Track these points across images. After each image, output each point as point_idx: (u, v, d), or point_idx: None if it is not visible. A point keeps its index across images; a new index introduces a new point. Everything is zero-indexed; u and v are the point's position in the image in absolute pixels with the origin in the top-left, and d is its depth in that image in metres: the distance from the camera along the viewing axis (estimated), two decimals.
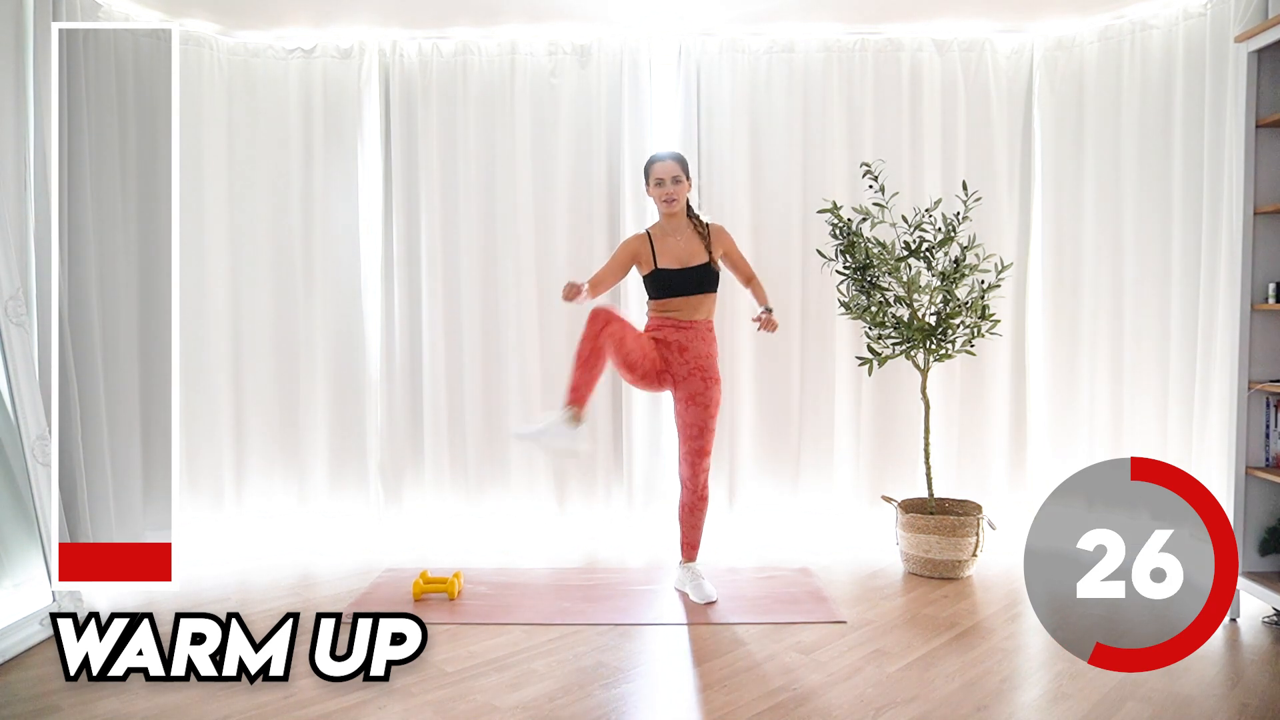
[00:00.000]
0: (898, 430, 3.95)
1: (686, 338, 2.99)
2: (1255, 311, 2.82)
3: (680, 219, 3.06)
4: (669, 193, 3.00)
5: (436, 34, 3.92)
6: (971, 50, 3.89)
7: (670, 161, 3.01)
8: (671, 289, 3.00)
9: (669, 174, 2.99)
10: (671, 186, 3.00)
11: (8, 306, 2.75)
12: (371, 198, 3.99)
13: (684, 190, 3.02)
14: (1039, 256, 3.94)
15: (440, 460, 4.01)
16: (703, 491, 3.10)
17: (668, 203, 3.01)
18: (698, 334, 3.01)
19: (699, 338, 3.01)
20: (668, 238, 3.04)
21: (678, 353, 2.99)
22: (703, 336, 3.02)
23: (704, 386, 3.00)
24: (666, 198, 3.00)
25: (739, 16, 3.78)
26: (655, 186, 3.02)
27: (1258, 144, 2.80)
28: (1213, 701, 2.28)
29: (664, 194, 3.00)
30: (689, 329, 3.00)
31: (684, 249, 3.03)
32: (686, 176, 3.03)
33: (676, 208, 3.02)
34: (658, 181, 3.01)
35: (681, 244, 3.03)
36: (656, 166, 3.02)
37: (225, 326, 3.92)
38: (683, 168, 3.02)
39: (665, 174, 2.99)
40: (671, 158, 3.02)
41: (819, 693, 2.32)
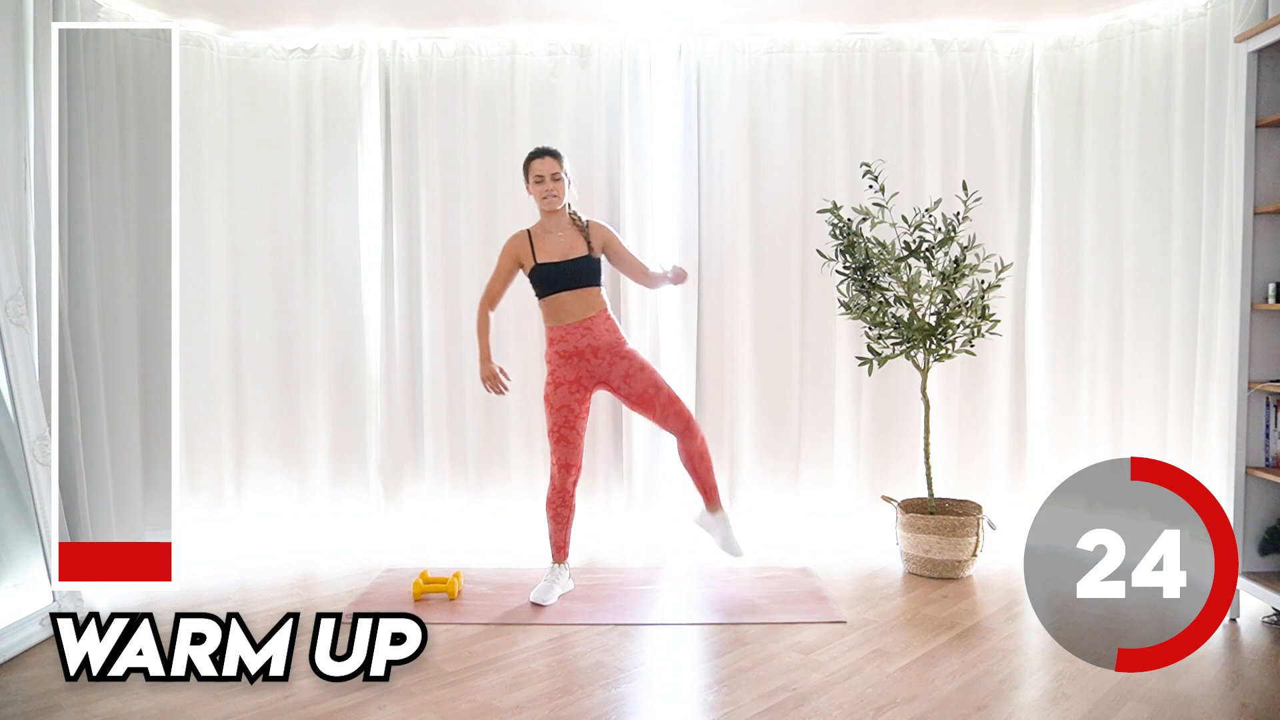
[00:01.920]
0: (898, 430, 3.95)
1: (593, 336, 3.03)
2: (1255, 311, 2.82)
3: (561, 216, 3.09)
4: (548, 189, 3.03)
5: (436, 34, 3.92)
6: (971, 50, 3.89)
7: (549, 159, 3.04)
8: (554, 283, 3.03)
9: (548, 171, 3.02)
10: (551, 183, 3.03)
11: (8, 306, 2.75)
12: (371, 197, 3.99)
13: (563, 187, 3.05)
14: (1039, 256, 3.94)
15: (440, 460, 4.01)
16: (695, 428, 3.09)
17: (546, 199, 3.03)
18: (600, 327, 3.04)
19: (603, 329, 3.05)
20: (548, 235, 3.08)
21: (591, 356, 3.03)
22: (605, 327, 3.06)
23: (629, 362, 3.05)
24: (546, 194, 3.03)
25: (739, 16, 3.78)
26: (535, 184, 3.05)
27: (1258, 144, 2.80)
28: (1213, 701, 2.28)
29: (543, 190, 3.03)
30: (590, 328, 3.03)
31: (564, 243, 3.06)
32: (566, 174, 3.07)
33: (556, 204, 3.05)
34: (537, 179, 3.04)
35: (561, 239, 3.06)
36: (535, 164, 3.04)
37: (225, 326, 3.92)
38: (562, 164, 3.06)
39: (544, 171, 3.02)
40: (549, 154, 3.04)
41: (819, 693, 2.33)
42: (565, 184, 3.06)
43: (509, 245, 3.13)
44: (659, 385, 3.06)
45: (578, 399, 3.05)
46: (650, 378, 3.06)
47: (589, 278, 3.04)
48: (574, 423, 3.04)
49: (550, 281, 3.03)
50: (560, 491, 3.08)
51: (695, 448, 3.09)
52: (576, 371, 3.04)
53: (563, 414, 3.04)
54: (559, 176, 3.03)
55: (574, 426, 3.05)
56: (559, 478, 3.07)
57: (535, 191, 3.06)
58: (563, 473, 3.06)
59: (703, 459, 3.11)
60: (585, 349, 3.03)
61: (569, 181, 3.09)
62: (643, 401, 3.06)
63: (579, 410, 3.06)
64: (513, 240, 3.13)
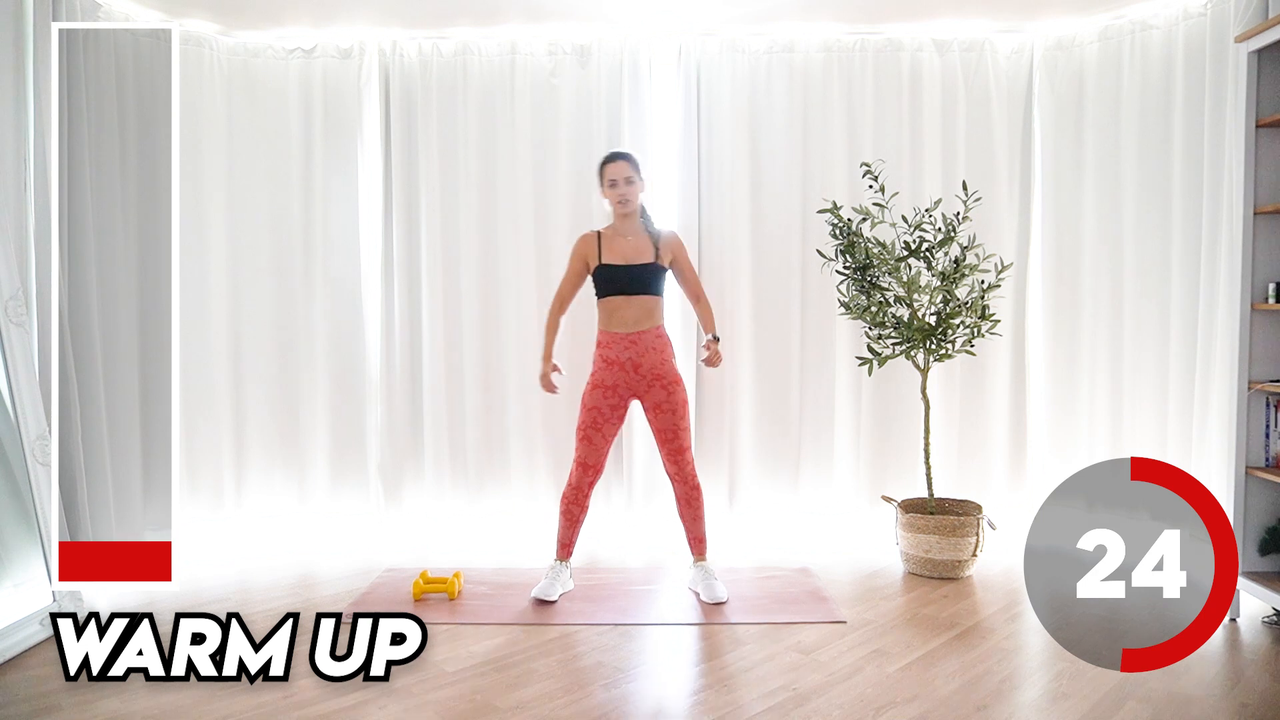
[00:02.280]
0: (898, 430, 3.95)
1: (637, 353, 3.01)
2: (1255, 311, 2.82)
3: (633, 220, 3.09)
4: (622, 193, 3.03)
5: (436, 34, 3.92)
6: (971, 50, 3.89)
7: (623, 162, 3.04)
8: (615, 285, 3.03)
9: (622, 175, 3.03)
10: (625, 187, 3.03)
11: (8, 306, 2.75)
12: (371, 198, 3.99)
13: (636, 191, 3.05)
14: (1039, 256, 3.94)
15: (440, 460, 4.01)
16: (693, 480, 3.11)
17: (621, 203, 3.04)
18: (646, 344, 3.02)
19: (649, 348, 3.02)
20: (617, 237, 3.08)
21: (632, 370, 3.02)
22: (652, 345, 3.03)
23: (666, 394, 3.02)
24: (620, 198, 3.04)
25: (739, 16, 3.78)
26: (609, 187, 3.05)
27: (1258, 144, 2.80)
28: (1213, 701, 2.28)
29: (617, 195, 3.04)
30: (636, 342, 3.02)
31: (631, 247, 3.05)
32: (640, 177, 3.06)
33: (629, 208, 3.05)
34: (611, 182, 3.04)
35: (630, 243, 3.06)
36: (610, 167, 3.05)
37: (225, 326, 3.92)
38: (635, 169, 3.05)
39: (619, 175, 3.03)
40: (624, 158, 3.06)
41: (819, 693, 2.33)
42: (639, 188, 3.05)
43: (578, 245, 3.13)
44: (678, 431, 3.05)
45: (610, 404, 3.04)
46: (674, 421, 3.03)
47: (649, 285, 3.03)
48: (601, 426, 3.04)
49: (609, 282, 3.03)
50: (576, 489, 3.08)
51: (686, 494, 3.11)
52: (615, 379, 3.03)
53: (592, 415, 3.04)
54: (632, 180, 3.03)
55: (600, 429, 3.04)
56: (577, 475, 3.08)
57: (609, 195, 3.06)
58: (580, 471, 3.07)
59: (690, 506, 3.13)
60: (627, 362, 3.02)
61: (643, 186, 3.09)
62: (658, 437, 3.09)
63: (609, 415, 3.05)
64: (582, 240, 3.14)
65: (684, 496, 3.12)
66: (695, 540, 3.15)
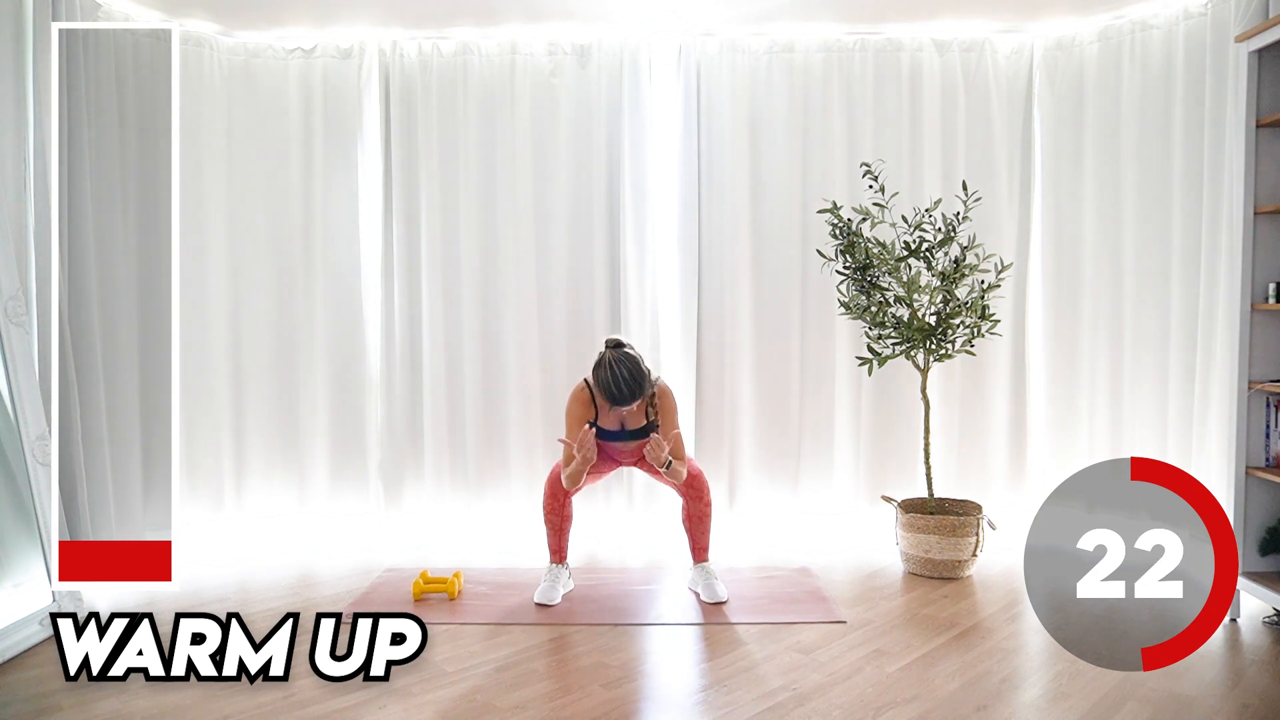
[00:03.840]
0: (898, 430, 3.95)
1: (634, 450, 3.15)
2: (1255, 311, 2.82)
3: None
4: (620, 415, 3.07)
5: (436, 34, 3.92)
6: (971, 50, 3.89)
7: (634, 405, 2.96)
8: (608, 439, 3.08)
9: (627, 411, 3.05)
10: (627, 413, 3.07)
11: (8, 306, 2.75)
12: (371, 198, 3.99)
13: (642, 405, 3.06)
14: (1039, 256, 3.94)
15: (440, 460, 4.01)
16: (699, 484, 3.09)
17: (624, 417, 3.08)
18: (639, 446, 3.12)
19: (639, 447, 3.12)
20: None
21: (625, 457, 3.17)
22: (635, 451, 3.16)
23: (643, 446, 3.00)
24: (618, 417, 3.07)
25: (739, 16, 3.78)
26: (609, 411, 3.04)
27: (1258, 144, 2.80)
28: (1213, 701, 2.28)
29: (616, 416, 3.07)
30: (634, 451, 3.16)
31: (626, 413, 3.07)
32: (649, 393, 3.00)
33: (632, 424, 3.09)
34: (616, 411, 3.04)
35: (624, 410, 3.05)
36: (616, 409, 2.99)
37: (225, 326, 3.92)
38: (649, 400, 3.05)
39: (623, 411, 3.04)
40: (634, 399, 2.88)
41: (819, 693, 2.33)
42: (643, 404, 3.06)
43: (574, 408, 3.05)
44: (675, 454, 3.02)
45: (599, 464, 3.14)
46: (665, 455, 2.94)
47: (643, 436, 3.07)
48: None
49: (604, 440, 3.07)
50: (553, 498, 3.09)
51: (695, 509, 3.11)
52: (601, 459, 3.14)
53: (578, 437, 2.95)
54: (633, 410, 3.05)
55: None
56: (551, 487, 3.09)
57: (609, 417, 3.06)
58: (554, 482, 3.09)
59: (698, 519, 3.12)
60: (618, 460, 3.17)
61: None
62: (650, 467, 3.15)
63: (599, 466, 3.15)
64: (575, 401, 3.06)
65: (692, 511, 3.11)
66: (699, 549, 3.16)
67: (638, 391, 2.87)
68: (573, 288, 3.96)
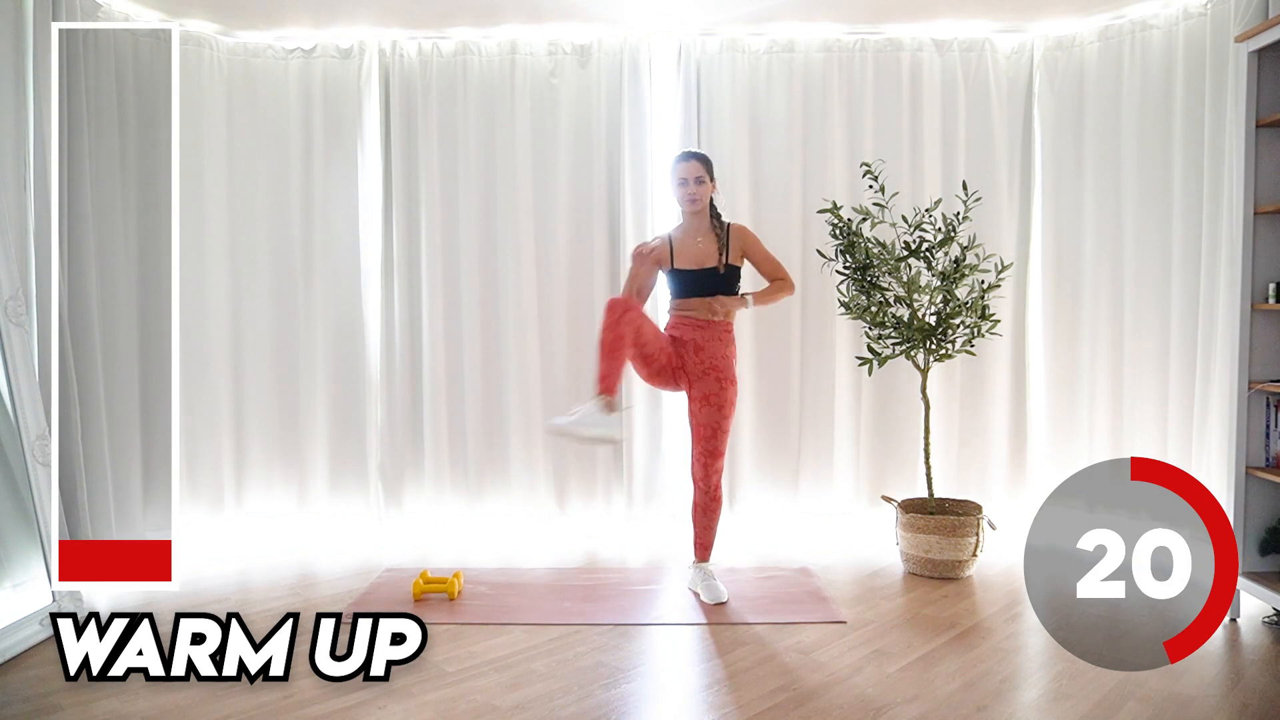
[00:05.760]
0: (898, 430, 3.95)
1: (703, 337, 3.00)
2: (1255, 311, 2.82)
3: (702, 219, 3.07)
4: (691, 193, 3.02)
5: (436, 34, 3.92)
6: (971, 50, 3.89)
7: (694, 162, 3.03)
8: (684, 289, 3.03)
9: (691, 174, 3.01)
10: (694, 187, 3.01)
11: (8, 306, 2.75)
12: (371, 198, 3.99)
13: (707, 191, 3.04)
14: (1039, 256, 3.94)
15: (440, 460, 4.01)
16: (715, 492, 3.09)
17: (691, 202, 3.02)
18: (714, 334, 3.01)
19: (715, 338, 3.01)
20: (687, 238, 3.06)
21: (693, 352, 3.00)
22: (719, 338, 3.01)
23: (718, 387, 2.99)
24: (689, 197, 3.02)
25: (739, 16, 3.78)
26: (678, 186, 3.04)
27: (1258, 144, 2.80)
28: (1213, 701, 2.28)
29: (686, 194, 3.02)
30: (705, 328, 3.01)
31: (700, 251, 3.03)
32: (710, 178, 3.04)
33: (698, 207, 3.04)
34: (680, 181, 3.03)
35: (700, 245, 3.04)
36: (679, 166, 3.04)
37: (225, 326, 3.92)
38: (706, 168, 3.04)
39: (688, 174, 3.01)
40: (695, 158, 3.04)
41: (819, 693, 2.32)
42: (708, 188, 3.03)
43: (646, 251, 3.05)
44: (717, 431, 2.99)
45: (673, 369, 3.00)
46: (717, 418, 2.97)
47: (717, 289, 3.01)
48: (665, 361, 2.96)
49: (680, 286, 3.03)
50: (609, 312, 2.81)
51: (705, 503, 3.09)
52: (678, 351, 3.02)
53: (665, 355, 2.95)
54: (703, 180, 3.01)
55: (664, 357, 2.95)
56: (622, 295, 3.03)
57: (679, 194, 3.04)
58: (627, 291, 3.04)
59: (706, 515, 3.10)
60: (690, 341, 3.00)
61: (714, 186, 3.07)
62: (695, 434, 3.05)
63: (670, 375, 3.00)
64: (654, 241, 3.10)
65: (703, 504, 3.10)
66: (702, 546, 3.14)
67: (703, 157, 3.05)
68: (573, 288, 3.96)
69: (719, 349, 3.01)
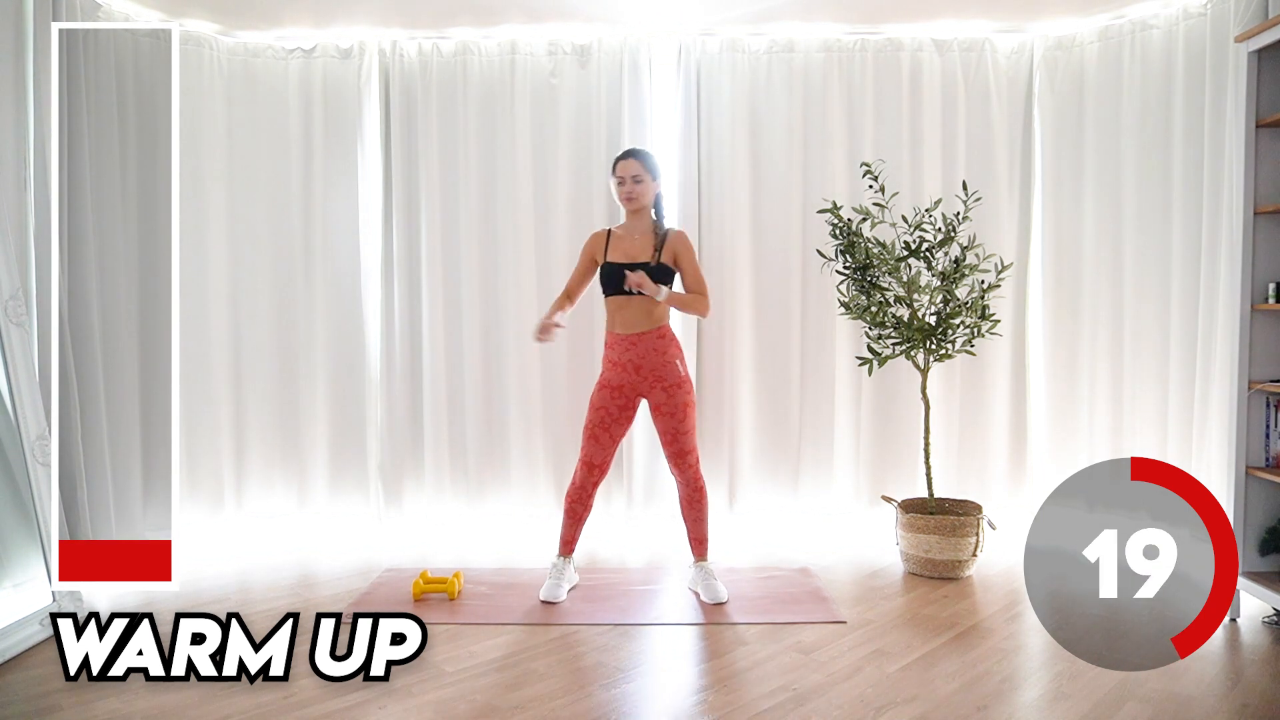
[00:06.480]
0: (898, 430, 3.95)
1: (638, 354, 2.99)
2: (1255, 311, 2.82)
3: (643, 219, 3.06)
4: (629, 191, 3.01)
5: (436, 34, 3.92)
6: (971, 50, 3.89)
7: (632, 161, 3.01)
8: (615, 284, 2.99)
9: (629, 173, 3.00)
10: (632, 186, 3.00)
11: (8, 306, 2.75)
12: (371, 197, 3.99)
13: (646, 190, 3.02)
14: (1039, 256, 3.94)
15: (440, 460, 4.01)
16: (696, 481, 3.09)
17: (628, 200, 3.02)
18: (647, 345, 2.98)
19: (650, 349, 2.99)
20: (625, 235, 3.06)
21: (634, 371, 3.00)
22: (653, 346, 2.99)
23: (666, 396, 2.99)
24: (627, 195, 3.01)
25: (739, 16, 3.78)
26: (618, 185, 3.03)
27: (1258, 144, 2.80)
28: (1213, 701, 2.28)
29: (625, 193, 3.02)
30: (636, 344, 2.98)
31: (635, 246, 3.03)
32: (651, 177, 3.02)
33: (636, 206, 3.02)
34: (619, 180, 3.02)
35: (636, 242, 3.03)
36: (618, 165, 3.03)
37: (225, 326, 3.92)
38: (646, 167, 3.02)
39: (626, 173, 3.00)
40: (634, 156, 3.02)
41: (819, 693, 2.32)
42: (649, 187, 3.02)
43: (589, 241, 3.13)
44: (678, 435, 3.00)
45: (618, 405, 3.02)
46: (675, 424, 2.99)
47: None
48: (609, 426, 3.03)
49: (610, 280, 3.01)
50: (580, 489, 3.08)
51: (689, 495, 3.09)
52: (620, 379, 3.02)
53: (599, 414, 3.02)
54: (640, 179, 3.00)
55: (607, 429, 3.03)
56: (581, 475, 3.07)
57: (618, 193, 3.04)
58: (585, 470, 3.06)
59: (692, 507, 3.10)
60: (628, 363, 3.00)
61: (657, 185, 3.05)
62: (661, 439, 3.06)
63: (617, 416, 3.03)
64: (593, 237, 3.14)
65: (687, 498, 3.11)
66: (696, 541, 3.15)
67: (643, 155, 3.02)
68: None
69: (656, 358, 2.99)
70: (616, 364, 3.03)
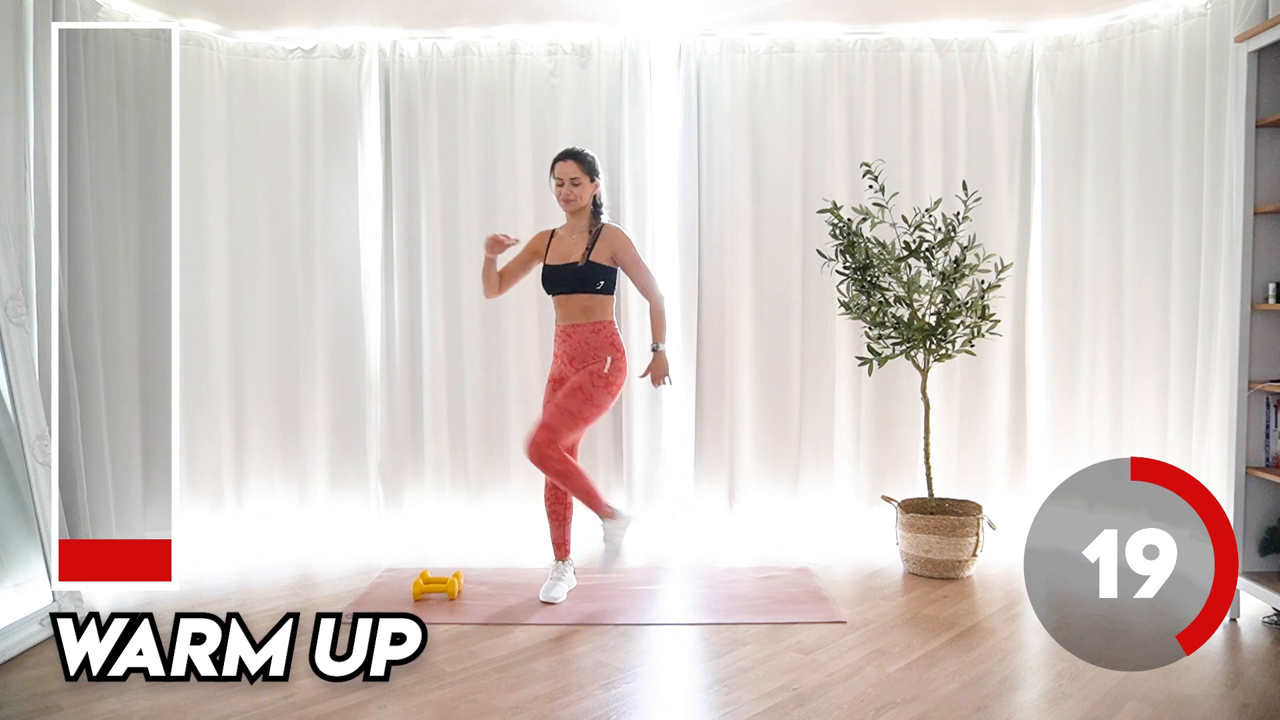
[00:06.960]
0: (898, 430, 3.95)
1: (572, 346, 3.00)
2: (1255, 311, 2.82)
3: (581, 219, 3.05)
4: (566, 193, 3.00)
5: (436, 34, 3.92)
6: (971, 50, 3.89)
7: (570, 162, 2.99)
8: (550, 284, 3.02)
9: (567, 175, 2.99)
10: (569, 188, 2.99)
11: (8, 306, 2.75)
12: (371, 197, 3.99)
13: (584, 191, 3.00)
14: (1039, 256, 3.94)
15: (440, 460, 4.01)
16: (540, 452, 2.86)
17: (566, 202, 3.01)
18: (581, 338, 2.98)
19: (583, 341, 2.98)
20: (564, 236, 3.07)
21: (567, 362, 3.03)
22: (586, 339, 2.98)
23: (588, 377, 2.94)
24: (564, 197, 3.01)
25: (739, 16, 3.78)
26: (555, 186, 3.02)
27: (1258, 144, 2.80)
28: (1213, 701, 2.28)
29: (562, 194, 3.01)
30: (570, 336, 3.00)
31: (569, 246, 3.03)
32: (589, 177, 3.00)
33: (574, 207, 3.02)
34: (557, 182, 3.01)
35: (570, 242, 3.04)
36: (555, 166, 3.01)
37: (225, 326, 3.92)
38: (584, 168, 2.99)
39: (564, 175, 2.99)
40: (572, 158, 2.99)
41: (819, 693, 2.32)
42: (587, 188, 3.00)
43: (533, 238, 3.16)
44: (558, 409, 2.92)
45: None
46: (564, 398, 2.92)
47: (579, 285, 2.97)
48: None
49: (546, 281, 3.04)
50: (552, 487, 3.08)
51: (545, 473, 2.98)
52: (560, 371, 3.07)
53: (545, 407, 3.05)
54: (578, 180, 2.98)
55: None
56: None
57: (555, 194, 3.03)
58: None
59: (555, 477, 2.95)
60: (564, 355, 3.03)
61: (596, 185, 3.02)
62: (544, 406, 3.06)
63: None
64: (537, 234, 3.17)
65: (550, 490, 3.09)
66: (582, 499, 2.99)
67: (580, 156, 3.01)
68: None
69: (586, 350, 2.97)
70: (558, 356, 3.07)
